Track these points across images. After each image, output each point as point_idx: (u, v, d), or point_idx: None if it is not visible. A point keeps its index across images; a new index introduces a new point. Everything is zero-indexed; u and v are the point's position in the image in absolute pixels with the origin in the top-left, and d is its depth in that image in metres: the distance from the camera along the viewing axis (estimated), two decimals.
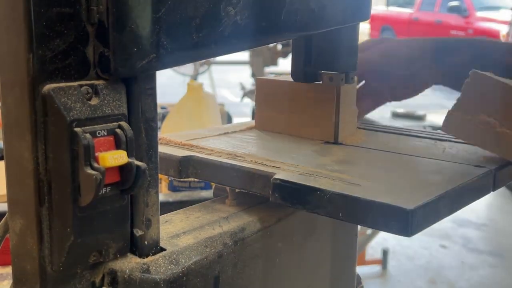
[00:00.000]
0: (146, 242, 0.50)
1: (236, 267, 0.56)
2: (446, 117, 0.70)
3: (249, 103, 4.76)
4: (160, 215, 0.52)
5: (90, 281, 0.47)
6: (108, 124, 0.44)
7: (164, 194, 1.24)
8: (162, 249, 0.51)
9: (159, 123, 1.00)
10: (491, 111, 0.66)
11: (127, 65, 0.44)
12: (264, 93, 0.84)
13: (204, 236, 0.54)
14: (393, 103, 0.96)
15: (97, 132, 0.43)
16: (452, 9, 9.50)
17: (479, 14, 9.21)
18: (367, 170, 0.65)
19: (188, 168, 0.65)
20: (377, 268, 3.04)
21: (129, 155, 0.44)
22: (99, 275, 0.48)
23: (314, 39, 0.74)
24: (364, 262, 2.94)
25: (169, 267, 0.49)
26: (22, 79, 0.42)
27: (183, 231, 0.55)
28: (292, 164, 0.64)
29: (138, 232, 0.49)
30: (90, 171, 0.41)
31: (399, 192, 0.56)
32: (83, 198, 0.43)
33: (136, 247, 0.49)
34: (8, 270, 0.79)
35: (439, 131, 0.80)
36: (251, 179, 0.61)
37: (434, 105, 6.23)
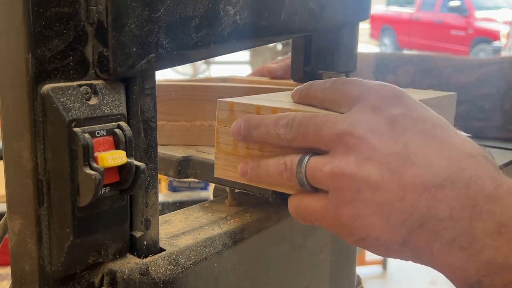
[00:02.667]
0: (145, 243, 0.49)
1: (236, 267, 0.56)
2: None
3: None
4: (160, 215, 0.52)
5: (89, 281, 0.47)
6: (107, 124, 0.44)
7: (163, 195, 1.24)
8: (162, 250, 0.51)
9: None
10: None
11: (126, 65, 0.44)
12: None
13: (204, 236, 0.54)
14: None
15: (96, 132, 0.43)
16: (453, 9, 9.50)
17: (480, 14, 9.21)
18: None
19: (187, 169, 0.65)
20: (377, 268, 3.03)
21: (128, 155, 0.44)
22: (99, 275, 0.48)
23: (314, 39, 0.74)
24: (364, 263, 2.93)
25: (169, 267, 0.49)
26: (21, 79, 0.42)
27: (182, 232, 0.55)
28: None
29: (138, 233, 0.49)
30: (89, 171, 0.41)
31: None
32: (82, 198, 0.42)
33: (136, 248, 0.49)
34: (8, 270, 0.79)
35: None
36: None
37: None
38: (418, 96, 0.62)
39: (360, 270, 0.79)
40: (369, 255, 3.07)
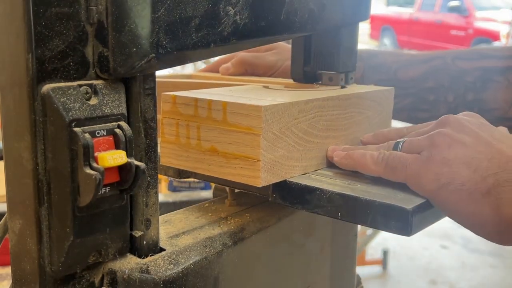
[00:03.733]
0: (145, 242, 0.49)
1: (236, 267, 0.56)
2: None
3: None
4: (160, 215, 0.52)
5: (89, 281, 0.47)
6: (108, 124, 0.44)
7: (163, 195, 1.24)
8: (162, 249, 0.51)
9: None
10: None
11: (126, 65, 0.44)
12: None
13: (204, 236, 0.54)
14: None
15: (97, 132, 0.43)
16: (453, 9, 9.49)
17: (479, 14, 9.20)
18: None
19: None
20: (377, 268, 3.03)
21: (128, 155, 0.44)
22: (99, 275, 0.48)
23: (314, 39, 0.74)
24: (364, 263, 2.93)
25: (169, 267, 0.49)
26: (21, 79, 0.42)
27: (182, 231, 0.55)
28: None
29: (138, 233, 0.49)
30: (89, 171, 0.41)
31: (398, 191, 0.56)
32: (82, 198, 0.42)
33: (136, 247, 0.49)
34: (8, 270, 0.79)
35: None
36: None
37: None
38: (358, 89, 0.69)
39: (360, 270, 0.79)
40: (369, 255, 3.06)
